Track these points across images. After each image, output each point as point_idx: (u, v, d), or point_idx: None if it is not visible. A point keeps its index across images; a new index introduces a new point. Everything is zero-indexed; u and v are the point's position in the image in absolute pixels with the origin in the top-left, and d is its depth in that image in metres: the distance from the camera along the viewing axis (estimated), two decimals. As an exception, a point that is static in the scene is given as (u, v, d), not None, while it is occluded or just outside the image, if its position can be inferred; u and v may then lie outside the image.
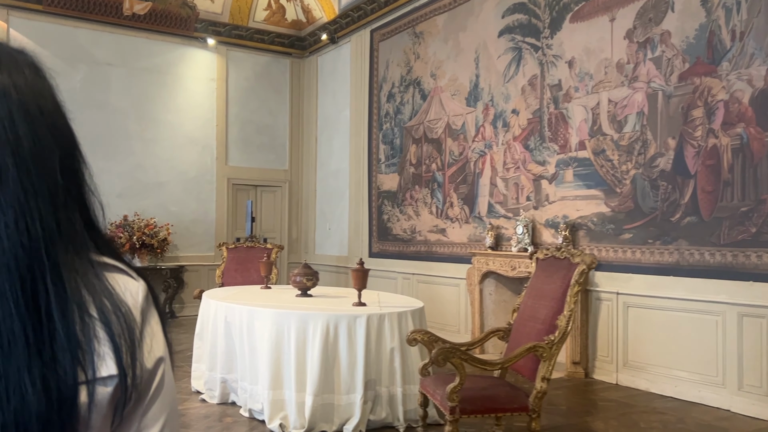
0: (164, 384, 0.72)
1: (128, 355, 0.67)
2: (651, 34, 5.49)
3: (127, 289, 0.71)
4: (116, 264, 0.74)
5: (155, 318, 0.74)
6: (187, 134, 10.28)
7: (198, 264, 10.21)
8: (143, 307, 0.72)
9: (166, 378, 0.73)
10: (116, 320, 0.67)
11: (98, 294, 0.68)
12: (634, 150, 5.60)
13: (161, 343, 0.73)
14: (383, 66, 9.12)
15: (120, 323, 0.67)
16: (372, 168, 9.30)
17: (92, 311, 0.66)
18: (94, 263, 0.71)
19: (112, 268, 0.73)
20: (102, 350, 0.65)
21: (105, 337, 0.66)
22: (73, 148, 0.76)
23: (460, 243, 7.59)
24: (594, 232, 5.94)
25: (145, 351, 0.70)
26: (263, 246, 7.45)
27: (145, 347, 0.70)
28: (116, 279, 0.71)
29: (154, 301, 0.76)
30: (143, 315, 0.71)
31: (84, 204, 0.76)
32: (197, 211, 10.31)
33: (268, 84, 11.08)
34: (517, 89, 6.85)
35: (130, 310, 0.69)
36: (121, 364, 0.66)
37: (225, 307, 4.72)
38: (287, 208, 11.25)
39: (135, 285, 0.73)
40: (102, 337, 0.66)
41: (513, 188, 6.87)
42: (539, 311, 3.65)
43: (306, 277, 5.22)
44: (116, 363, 0.66)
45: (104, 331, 0.66)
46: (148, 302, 0.74)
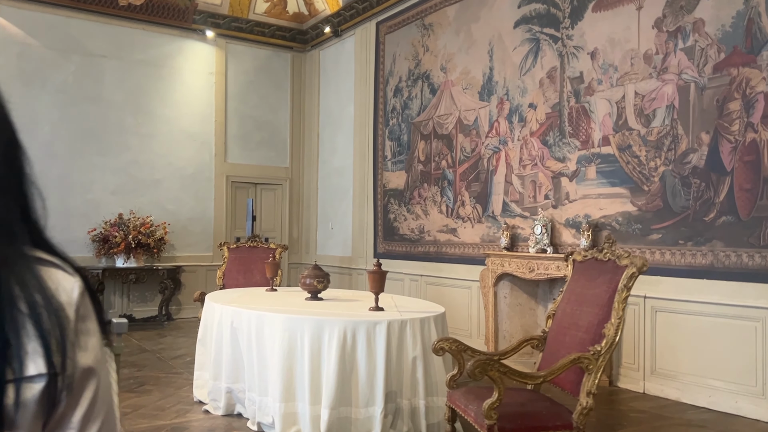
0: (100, 384, 0.70)
1: (59, 353, 0.65)
2: (682, 23, 5.18)
3: (60, 285, 0.69)
4: (51, 259, 0.71)
5: (91, 316, 0.71)
6: (185, 129, 9.92)
7: (195, 264, 9.85)
8: (78, 304, 0.69)
9: (102, 378, 0.70)
10: (47, 317, 0.66)
11: (29, 289, 0.66)
12: (664, 145, 5.29)
13: (97, 341, 0.71)
14: (390, 59, 8.79)
15: (51, 320, 0.66)
16: (377, 165, 8.96)
17: (22, 306, 0.65)
18: (27, 257, 0.69)
19: (46, 262, 0.71)
20: (30, 347, 0.64)
21: (34, 333, 0.64)
22: (10, 135, 0.74)
23: (472, 243, 7.27)
24: (619, 232, 5.63)
25: (78, 350, 0.68)
26: (266, 246, 7.10)
27: (79, 346, 0.68)
28: (50, 274, 0.70)
29: (93, 299, 0.73)
30: (78, 312, 0.69)
31: (21, 194, 0.73)
32: (195, 210, 9.95)
33: (268, 78, 10.73)
34: (535, 82, 6.53)
35: (63, 307, 0.68)
36: (51, 362, 0.64)
37: (231, 312, 4.37)
38: (288, 206, 10.90)
39: (70, 281, 0.71)
40: (31, 333, 0.64)
41: (530, 186, 6.56)
42: (581, 318, 3.33)
43: (317, 279, 4.88)
44: (45, 361, 0.64)
45: (34, 328, 0.64)
46: (83, 299, 0.70)
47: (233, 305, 4.49)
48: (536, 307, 6.76)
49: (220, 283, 6.87)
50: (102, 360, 0.71)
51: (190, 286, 9.69)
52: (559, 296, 3.74)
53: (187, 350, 7.12)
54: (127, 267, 8.78)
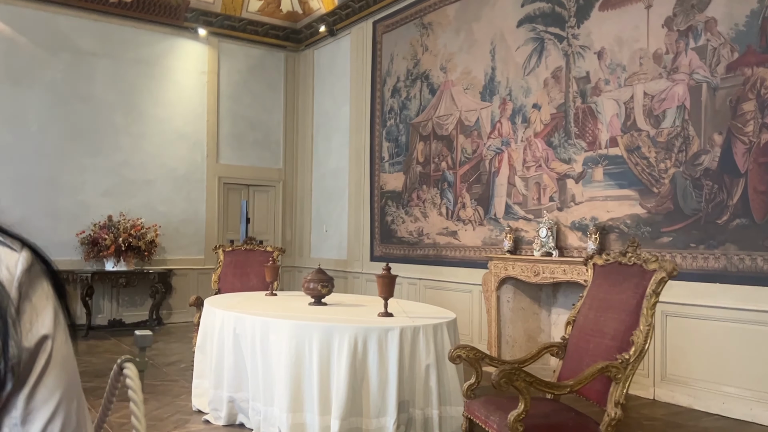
0: (52, 363, 0.67)
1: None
2: (694, 22, 5.08)
3: (2, 262, 0.66)
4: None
5: (39, 292, 0.67)
6: (177, 129, 9.70)
7: (187, 268, 9.63)
8: (21, 281, 0.65)
9: (54, 357, 0.67)
10: None
11: None
12: (674, 147, 5.19)
13: (48, 319, 0.67)
14: (387, 59, 8.65)
15: None
16: (374, 167, 8.81)
17: None
18: None
19: None
20: None
21: None
22: None
23: (474, 246, 7.14)
24: (627, 235, 5.51)
25: (23, 329, 0.65)
26: (262, 249, 6.91)
27: (24, 325, 0.65)
28: None
29: (51, 274, 0.70)
30: (21, 289, 0.65)
31: None
32: (187, 212, 9.73)
33: (261, 78, 10.54)
34: (539, 82, 6.42)
35: (2, 285, 0.64)
36: None
37: (234, 318, 4.19)
38: (281, 208, 10.71)
39: (14, 257, 0.66)
40: None
41: (534, 188, 6.44)
42: (607, 325, 3.20)
43: (321, 283, 4.72)
44: None
45: None
46: (30, 275, 0.67)
47: (235, 311, 4.31)
48: (539, 312, 6.64)
49: (215, 288, 6.67)
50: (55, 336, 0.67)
51: (182, 290, 9.47)
52: (579, 302, 3.60)
53: (181, 356, 6.91)
54: (117, 270, 8.54)
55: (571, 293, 6.31)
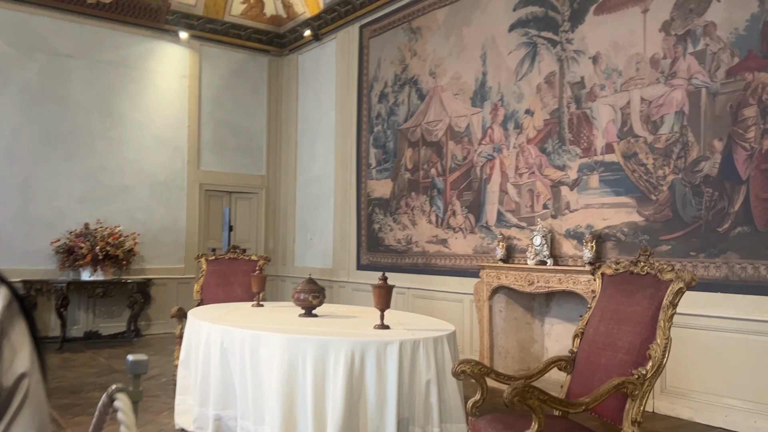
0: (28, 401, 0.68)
1: None
2: (692, 26, 5.00)
3: None
4: None
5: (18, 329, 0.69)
6: (157, 134, 9.42)
7: (166, 277, 9.32)
8: (2, 318, 0.67)
9: (31, 394, 0.69)
10: None
11: None
12: (673, 153, 5.09)
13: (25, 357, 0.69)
14: (374, 64, 8.48)
15: None
16: (361, 173, 8.62)
17: None
18: None
19: None
20: None
21: None
22: None
23: (464, 255, 6.98)
24: (624, 243, 5.40)
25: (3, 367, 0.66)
26: (247, 258, 6.67)
27: (4, 363, 0.66)
28: None
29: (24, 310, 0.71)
30: (1, 326, 0.67)
31: None
32: (166, 219, 9.44)
33: (244, 83, 10.31)
34: (532, 88, 6.30)
35: None
36: None
37: (221, 331, 3.96)
38: (264, 216, 10.46)
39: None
40: None
41: (527, 195, 6.30)
42: (620, 338, 3.04)
43: (312, 294, 4.50)
44: None
45: None
46: (9, 312, 0.68)
47: (222, 323, 4.08)
48: (532, 322, 6.49)
49: (197, 298, 6.41)
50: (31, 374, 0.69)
51: (161, 300, 9.17)
52: (587, 313, 3.44)
53: (161, 370, 6.63)
54: (94, 280, 8.22)
55: (564, 303, 6.18)
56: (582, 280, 5.46)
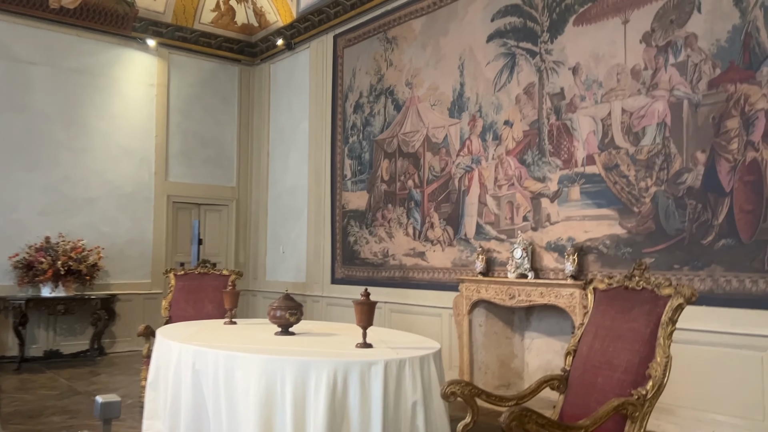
0: None
1: None
2: (673, 38, 4.97)
3: None
4: None
5: None
6: (123, 145, 9.10)
7: (132, 293, 8.98)
8: None
9: None
10: None
11: None
12: (655, 165, 5.03)
13: None
14: (349, 74, 8.34)
15: None
16: (336, 185, 8.44)
17: None
18: None
19: None
20: None
21: None
22: None
23: (443, 268, 6.83)
24: (607, 256, 5.32)
25: None
26: (218, 272, 6.42)
27: None
28: None
29: None
30: None
31: None
32: (132, 232, 9.10)
33: (214, 92, 10.06)
34: (511, 99, 6.22)
35: None
36: None
37: (193, 352, 3.72)
38: (234, 229, 10.19)
39: None
40: None
41: (506, 207, 6.20)
42: (617, 356, 2.91)
43: (289, 311, 4.29)
44: None
45: None
46: None
47: (194, 343, 3.85)
48: (512, 336, 6.37)
49: (165, 315, 6.13)
50: None
51: (126, 316, 8.83)
52: (579, 330, 3.32)
53: (127, 390, 6.31)
54: (55, 297, 7.85)
55: (545, 317, 6.07)
56: (564, 293, 5.36)
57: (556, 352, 5.99)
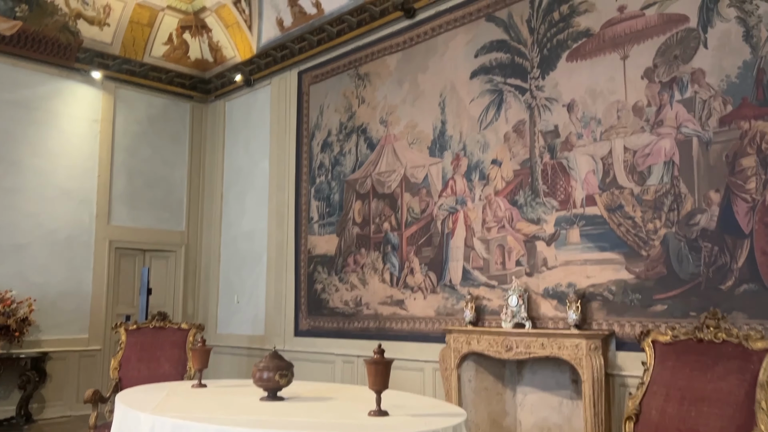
0: None
1: None
2: (678, 73, 4.77)
3: None
4: None
5: None
6: (60, 185, 8.24)
7: (66, 350, 7.98)
8: None
9: None
10: None
11: None
12: (664, 205, 4.75)
13: None
14: (316, 111, 7.87)
15: None
16: (300, 228, 7.85)
17: None
18: None
19: None
20: None
21: None
22: None
23: (425, 317, 6.32)
24: (613, 303, 4.95)
25: None
26: (175, 326, 5.68)
27: None
28: None
29: None
30: None
31: None
32: (68, 282, 8.16)
33: (163, 130, 9.37)
34: (498, 137, 5.89)
35: None
36: None
37: (171, 426, 3.04)
38: (182, 277, 9.36)
39: None
40: None
41: (497, 251, 5.79)
42: (705, 424, 2.47)
43: (279, 372, 3.66)
44: None
45: None
46: None
47: (170, 415, 3.15)
48: (503, 392, 5.87)
49: (114, 376, 5.32)
50: None
51: (59, 377, 7.82)
52: (638, 390, 2.87)
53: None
54: (-23, 356, 6.82)
55: (539, 369, 5.61)
56: (568, 344, 4.94)
57: (553, 408, 5.53)
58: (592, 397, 4.76)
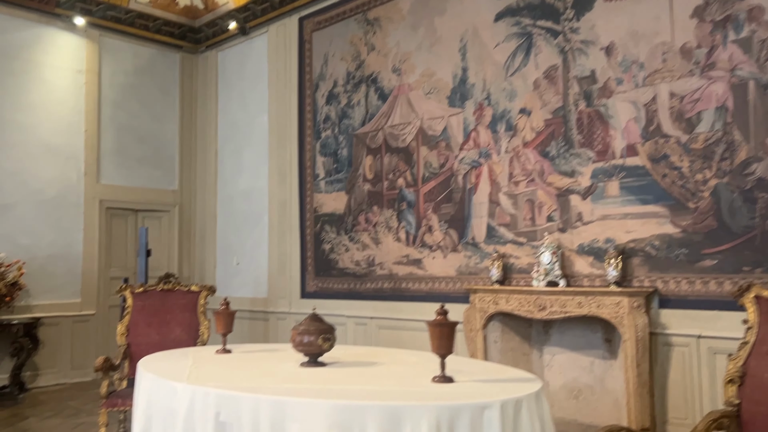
0: None
1: None
2: (733, 11, 4.43)
3: None
4: None
5: None
6: (45, 141, 7.69)
7: (58, 315, 7.55)
8: None
9: None
10: None
11: None
12: (715, 154, 4.46)
13: None
14: (319, 60, 7.39)
15: None
16: (305, 186, 7.44)
17: None
18: None
19: None
20: None
21: None
22: None
23: (445, 277, 6.02)
24: (656, 259, 4.70)
25: None
26: (185, 289, 5.30)
27: None
28: None
29: None
30: None
31: None
32: (57, 244, 7.69)
33: (152, 82, 8.80)
34: (527, 84, 5.52)
35: None
36: None
37: (215, 397, 2.70)
38: (177, 238, 8.92)
39: None
40: None
41: (526, 206, 5.48)
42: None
43: (322, 335, 3.34)
44: None
45: None
46: None
47: (212, 385, 2.81)
48: (530, 352, 5.64)
49: (122, 342, 4.94)
50: None
51: (52, 344, 7.41)
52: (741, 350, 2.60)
53: (69, 438, 5.05)
54: (-36, 323, 6.38)
55: (568, 330, 5.38)
56: (608, 303, 4.69)
57: (584, 368, 5.32)
58: (636, 357, 4.53)
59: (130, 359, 4.87)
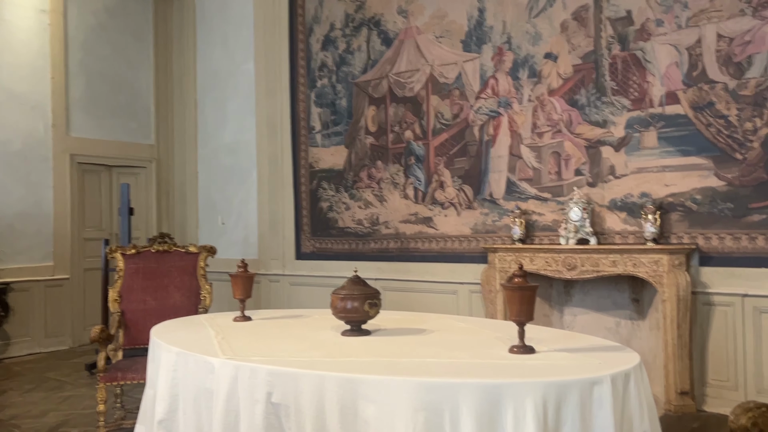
0: None
1: None
2: (792, -55, 4.07)
3: None
4: None
5: None
6: (7, 87, 6.96)
7: (28, 279, 6.94)
8: None
9: None
10: None
11: None
12: (767, 102, 4.15)
13: None
14: (313, 2, 6.80)
15: None
16: (299, 139, 6.93)
17: None
18: None
19: None
20: None
21: None
22: None
23: (459, 236, 5.66)
24: (698, 214, 4.42)
25: None
26: (182, 250, 4.81)
27: None
28: None
29: None
30: None
31: None
32: (25, 202, 7.03)
33: (124, 24, 8.06)
34: (554, 26, 5.10)
35: None
36: None
37: (266, 375, 2.28)
38: (155, 195, 8.32)
39: None
40: None
41: (551, 160, 5.12)
42: None
43: (368, 300, 2.94)
44: None
45: None
46: None
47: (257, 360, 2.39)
48: (551, 313, 5.37)
49: (116, 309, 4.44)
50: None
51: (23, 311, 6.84)
52: None
53: (63, 416, 4.58)
54: (-75, 289, 5.75)
55: (591, 290, 5.11)
56: (645, 261, 4.42)
57: (609, 329, 5.07)
58: (676, 318, 4.28)
59: (125, 328, 4.39)
